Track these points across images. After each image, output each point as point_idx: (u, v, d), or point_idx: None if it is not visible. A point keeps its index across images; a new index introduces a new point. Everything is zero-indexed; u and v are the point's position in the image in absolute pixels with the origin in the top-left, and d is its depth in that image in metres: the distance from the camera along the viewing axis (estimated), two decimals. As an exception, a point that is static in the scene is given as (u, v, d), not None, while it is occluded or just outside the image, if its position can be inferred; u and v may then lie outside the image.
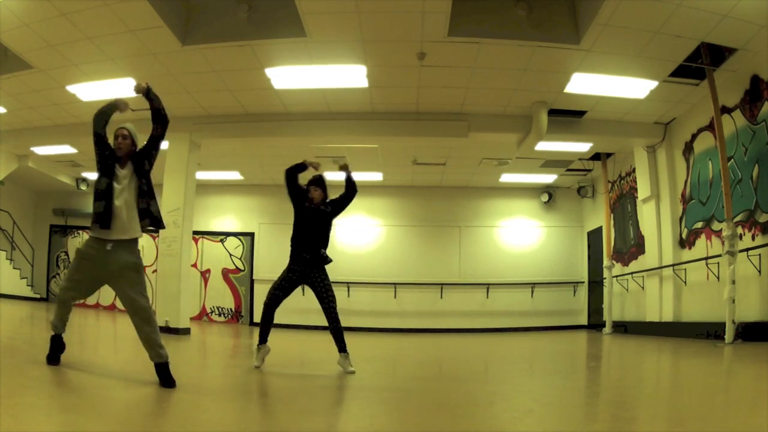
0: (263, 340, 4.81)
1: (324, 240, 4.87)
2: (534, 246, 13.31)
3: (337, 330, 4.70)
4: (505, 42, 6.74)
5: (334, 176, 5.55)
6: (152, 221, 3.73)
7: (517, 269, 13.09)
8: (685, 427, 2.53)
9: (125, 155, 3.73)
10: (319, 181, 4.91)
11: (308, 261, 4.74)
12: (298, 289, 4.87)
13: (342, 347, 4.69)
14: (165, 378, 3.50)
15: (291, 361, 6.01)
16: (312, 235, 4.80)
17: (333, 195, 5.02)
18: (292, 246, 4.86)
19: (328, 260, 4.82)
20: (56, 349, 3.85)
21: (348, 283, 12.53)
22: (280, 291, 4.74)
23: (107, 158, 3.71)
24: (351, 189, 5.05)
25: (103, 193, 3.60)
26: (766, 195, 6.63)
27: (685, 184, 8.67)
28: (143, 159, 3.77)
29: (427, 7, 6.07)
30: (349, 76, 7.71)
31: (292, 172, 4.96)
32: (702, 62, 6.93)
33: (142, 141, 3.86)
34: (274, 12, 6.65)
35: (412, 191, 13.40)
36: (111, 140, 3.79)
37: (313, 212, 4.86)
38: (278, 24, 6.68)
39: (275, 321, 4.81)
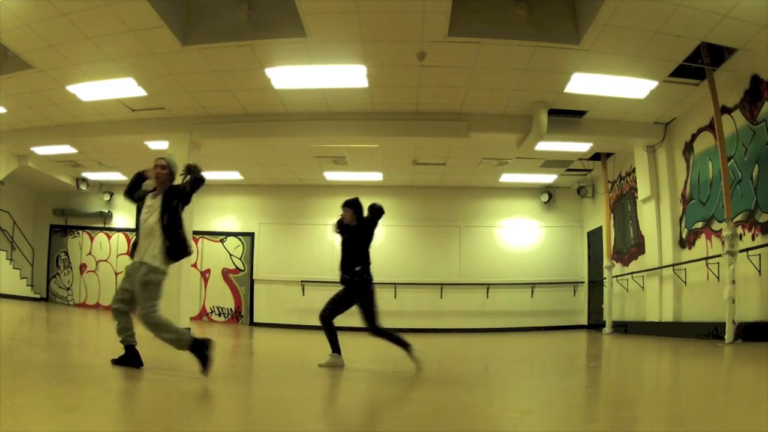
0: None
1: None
2: (534, 246, 13.30)
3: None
4: (505, 42, 6.74)
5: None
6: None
7: (517, 269, 13.08)
8: (685, 427, 2.53)
9: (161, 185, 3.99)
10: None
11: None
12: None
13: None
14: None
15: (291, 362, 6.01)
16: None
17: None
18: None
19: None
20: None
21: (348, 283, 12.51)
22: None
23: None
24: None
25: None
26: (766, 195, 6.63)
27: (685, 184, 8.67)
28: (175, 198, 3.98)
29: (427, 7, 6.07)
30: (349, 76, 7.71)
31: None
32: (702, 62, 6.92)
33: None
34: (274, 12, 6.65)
35: (412, 191, 13.39)
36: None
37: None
38: (278, 24, 6.68)
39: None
